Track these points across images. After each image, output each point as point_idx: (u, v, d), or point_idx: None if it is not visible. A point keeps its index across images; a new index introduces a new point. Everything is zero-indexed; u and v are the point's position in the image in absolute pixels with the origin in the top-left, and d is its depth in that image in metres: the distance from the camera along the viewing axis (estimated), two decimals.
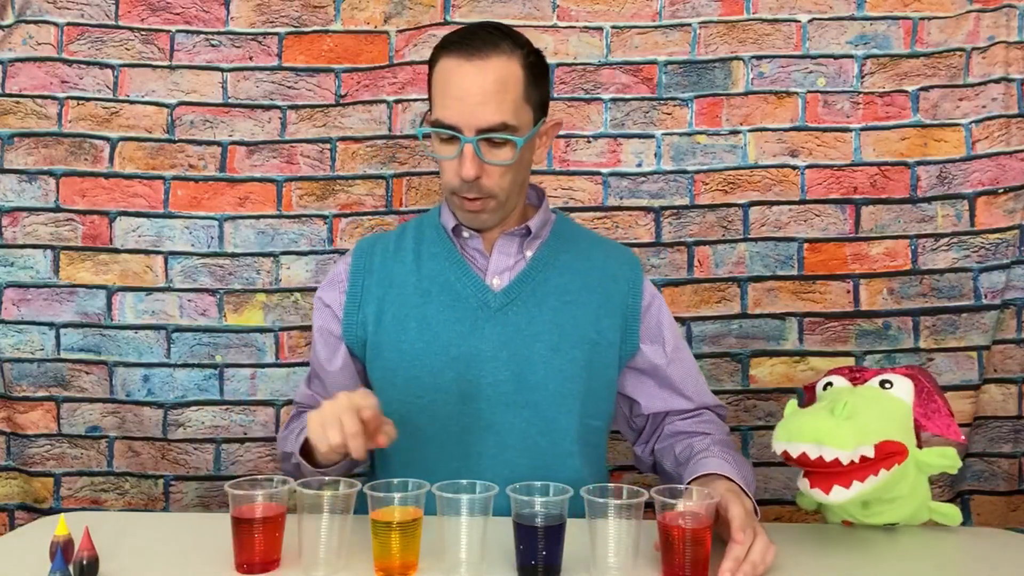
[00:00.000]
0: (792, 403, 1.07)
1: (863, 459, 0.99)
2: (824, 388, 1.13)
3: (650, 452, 1.28)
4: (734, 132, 1.64)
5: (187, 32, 1.66)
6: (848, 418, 0.99)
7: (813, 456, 0.98)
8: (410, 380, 1.18)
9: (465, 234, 1.22)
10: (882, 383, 1.09)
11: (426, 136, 1.21)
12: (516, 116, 1.12)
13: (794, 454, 0.99)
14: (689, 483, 1.05)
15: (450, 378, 1.16)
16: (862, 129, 1.63)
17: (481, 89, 1.09)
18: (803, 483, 1.03)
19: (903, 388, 1.09)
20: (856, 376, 1.13)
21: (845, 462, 0.97)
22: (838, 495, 1.00)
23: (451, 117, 1.10)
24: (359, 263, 1.26)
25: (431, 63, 1.16)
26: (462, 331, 1.18)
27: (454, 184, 1.14)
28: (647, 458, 1.29)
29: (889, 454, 1.01)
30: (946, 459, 1.06)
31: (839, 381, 1.13)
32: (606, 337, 1.21)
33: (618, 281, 1.25)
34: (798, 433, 1.00)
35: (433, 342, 1.18)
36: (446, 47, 1.13)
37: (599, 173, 1.66)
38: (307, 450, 1.10)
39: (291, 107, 1.66)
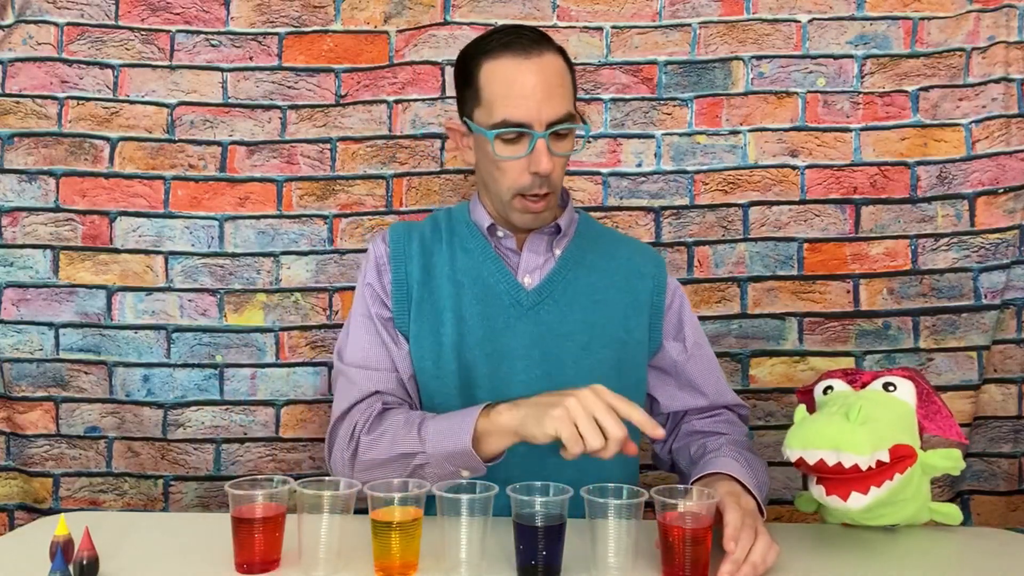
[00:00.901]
0: (801, 409, 1.05)
1: (879, 463, 0.98)
2: (824, 392, 1.12)
3: (668, 451, 1.28)
4: (734, 132, 1.64)
5: (187, 32, 1.65)
6: (863, 423, 0.97)
7: (831, 463, 0.96)
8: (446, 373, 1.18)
9: (500, 233, 1.23)
10: (885, 386, 1.08)
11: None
12: (573, 106, 1.15)
13: (811, 461, 0.97)
14: (693, 482, 1.05)
15: (483, 374, 1.17)
16: (862, 129, 1.63)
17: (546, 84, 1.11)
18: (818, 490, 1.01)
19: (906, 390, 1.08)
20: (853, 379, 1.12)
21: (864, 468, 0.96)
22: (856, 502, 0.98)
23: (521, 115, 1.10)
24: (398, 248, 1.25)
25: (471, 68, 1.15)
26: (495, 328, 1.19)
27: (523, 183, 1.14)
28: (666, 457, 1.29)
29: (901, 457, 1.01)
30: (951, 460, 1.05)
31: (839, 385, 1.11)
32: (635, 336, 1.23)
33: (644, 279, 1.26)
34: (814, 440, 0.97)
35: (467, 335, 1.18)
36: (491, 50, 1.13)
37: (599, 173, 1.66)
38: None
39: (291, 107, 1.66)
